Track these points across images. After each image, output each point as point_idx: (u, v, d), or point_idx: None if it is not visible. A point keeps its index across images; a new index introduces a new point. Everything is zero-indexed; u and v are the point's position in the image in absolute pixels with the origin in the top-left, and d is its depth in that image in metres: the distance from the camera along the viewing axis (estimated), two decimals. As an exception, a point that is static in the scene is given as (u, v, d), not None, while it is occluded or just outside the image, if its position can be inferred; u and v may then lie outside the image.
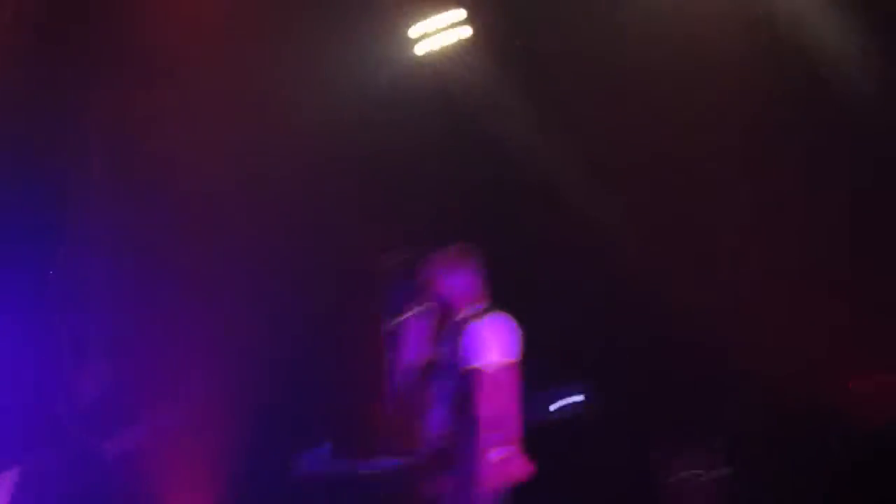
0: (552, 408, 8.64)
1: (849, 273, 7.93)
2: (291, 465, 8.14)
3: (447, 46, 8.73)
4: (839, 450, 8.04)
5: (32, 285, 9.15)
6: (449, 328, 6.05)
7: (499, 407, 5.88)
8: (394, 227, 7.88)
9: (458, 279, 6.06)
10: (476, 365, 5.86)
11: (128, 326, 9.24)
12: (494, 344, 5.93)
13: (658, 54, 8.08)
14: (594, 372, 8.50)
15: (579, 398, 8.73)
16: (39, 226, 9.38)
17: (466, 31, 8.72)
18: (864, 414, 7.94)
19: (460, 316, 6.04)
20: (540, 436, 8.37)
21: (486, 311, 6.05)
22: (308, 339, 8.55)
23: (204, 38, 8.03)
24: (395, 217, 8.16)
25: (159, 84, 8.19)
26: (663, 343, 8.26)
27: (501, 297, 6.33)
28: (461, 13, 8.66)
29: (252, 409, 8.74)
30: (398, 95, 8.60)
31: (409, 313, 6.07)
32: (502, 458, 5.91)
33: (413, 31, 8.73)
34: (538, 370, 8.22)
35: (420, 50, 8.79)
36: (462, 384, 5.86)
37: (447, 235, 6.33)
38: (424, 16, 8.66)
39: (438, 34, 8.75)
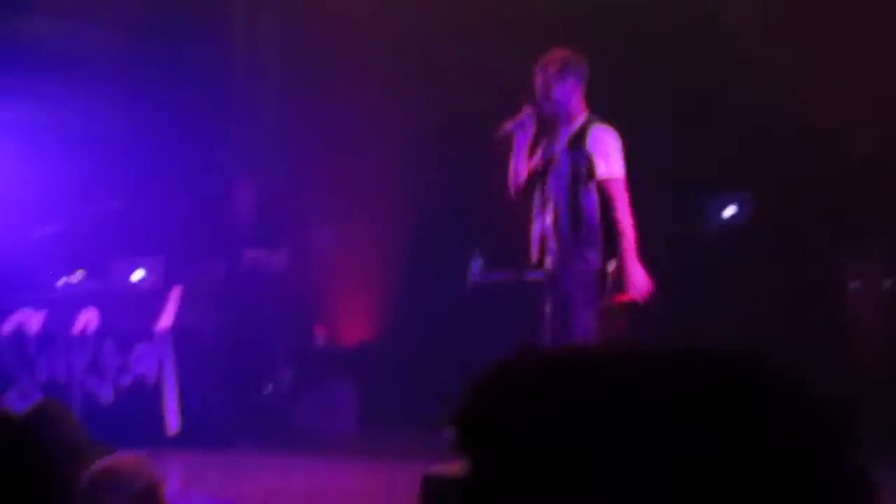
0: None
1: None
2: (465, 275, 8.14)
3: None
4: None
5: (201, 106, 9.35)
6: (555, 133, 5.90)
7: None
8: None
9: (568, 85, 5.85)
10: (613, 173, 5.73)
11: (290, 145, 9.35)
12: (619, 151, 5.79)
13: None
14: (753, 179, 8.14)
15: (735, 209, 8.43)
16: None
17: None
18: None
19: (571, 123, 5.86)
20: (700, 249, 8.22)
21: (591, 120, 5.86)
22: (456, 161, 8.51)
23: None
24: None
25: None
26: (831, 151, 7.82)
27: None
28: None
29: (409, 225, 8.77)
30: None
31: (515, 121, 5.90)
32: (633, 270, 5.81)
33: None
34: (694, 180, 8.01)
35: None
36: (598, 192, 5.74)
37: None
38: None
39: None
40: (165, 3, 9.46)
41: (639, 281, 5.73)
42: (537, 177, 5.91)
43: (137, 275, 8.37)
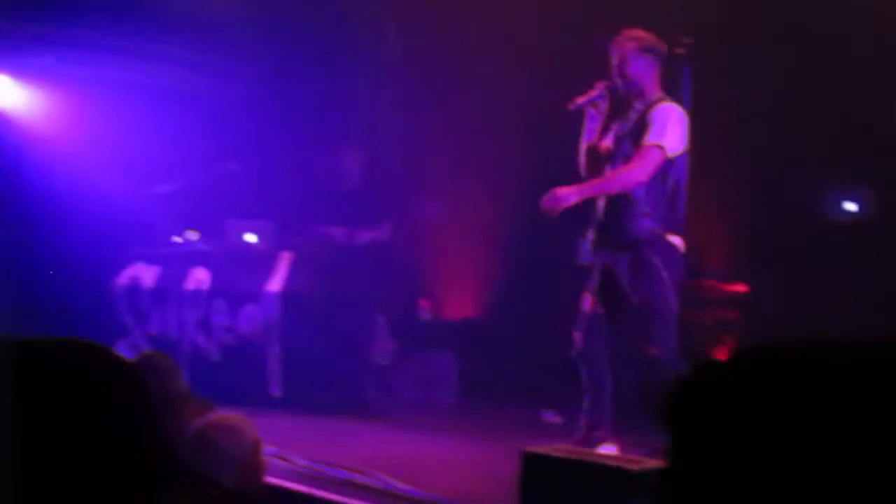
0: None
1: None
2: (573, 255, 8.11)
3: None
4: None
5: (320, 73, 9.44)
6: (628, 112, 5.86)
7: (669, 192, 5.72)
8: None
9: (643, 63, 5.77)
10: (657, 141, 5.64)
11: (403, 116, 9.38)
12: (680, 130, 5.71)
13: None
14: (879, 172, 7.88)
15: (858, 203, 8.19)
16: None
17: None
18: None
19: (641, 100, 5.79)
20: (821, 243, 8.01)
21: (663, 98, 5.77)
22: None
23: None
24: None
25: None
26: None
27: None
28: None
29: (517, 202, 8.73)
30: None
31: (587, 97, 5.84)
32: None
33: None
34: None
35: None
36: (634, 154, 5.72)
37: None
38: None
39: None
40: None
41: (560, 196, 5.70)
42: (607, 157, 5.88)
43: (249, 237, 8.49)
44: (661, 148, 5.63)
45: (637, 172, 5.64)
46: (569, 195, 5.74)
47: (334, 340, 8.08)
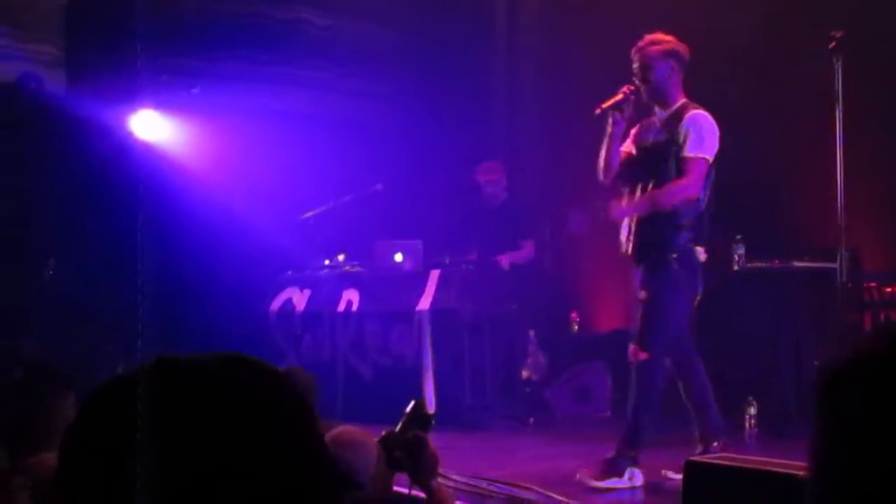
0: None
1: None
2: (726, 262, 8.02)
3: None
4: None
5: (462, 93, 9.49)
6: (650, 117, 5.79)
7: (704, 203, 5.67)
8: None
9: (666, 68, 5.69)
10: (698, 152, 5.62)
11: (544, 128, 9.35)
12: (714, 138, 5.66)
13: None
14: None
15: None
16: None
17: None
18: None
19: (666, 107, 5.71)
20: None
21: (688, 105, 5.69)
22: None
23: None
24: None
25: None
26: None
27: None
28: None
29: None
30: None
31: (612, 101, 5.77)
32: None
33: None
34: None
35: None
36: (676, 168, 5.62)
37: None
38: None
39: None
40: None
41: (617, 213, 5.73)
42: (629, 161, 5.82)
43: (398, 257, 8.54)
44: (706, 160, 5.63)
45: (690, 187, 5.64)
46: (624, 213, 5.73)
47: (486, 357, 8.08)
